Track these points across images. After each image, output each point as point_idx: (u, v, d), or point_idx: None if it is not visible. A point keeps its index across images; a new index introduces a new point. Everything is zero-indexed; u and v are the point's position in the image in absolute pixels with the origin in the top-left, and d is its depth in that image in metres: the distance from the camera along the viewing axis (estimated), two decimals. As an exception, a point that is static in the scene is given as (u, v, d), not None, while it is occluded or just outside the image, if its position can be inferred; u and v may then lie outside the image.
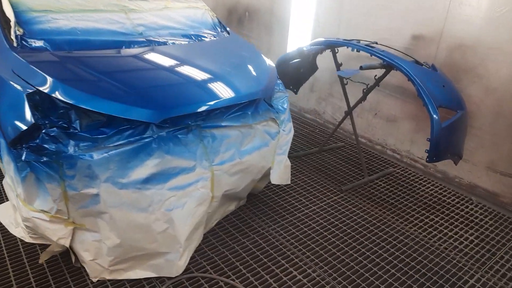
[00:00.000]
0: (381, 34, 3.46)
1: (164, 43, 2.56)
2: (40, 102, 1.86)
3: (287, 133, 2.60)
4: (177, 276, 2.13)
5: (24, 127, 1.80)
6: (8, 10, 2.26)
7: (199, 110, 1.99)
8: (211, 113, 2.09)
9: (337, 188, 3.11)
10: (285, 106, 2.62)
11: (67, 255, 2.16)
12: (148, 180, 1.93)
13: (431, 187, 3.21)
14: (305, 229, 2.61)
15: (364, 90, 3.10)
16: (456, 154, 2.75)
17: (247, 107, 2.26)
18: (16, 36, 2.17)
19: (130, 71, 2.16)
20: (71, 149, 1.81)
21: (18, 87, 1.88)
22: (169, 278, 2.12)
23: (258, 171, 2.46)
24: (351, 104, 3.29)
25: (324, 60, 3.68)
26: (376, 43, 3.06)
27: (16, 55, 2.05)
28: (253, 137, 2.34)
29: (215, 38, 2.82)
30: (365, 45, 2.89)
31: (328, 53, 3.32)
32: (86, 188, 1.86)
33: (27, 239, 2.19)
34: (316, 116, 4.37)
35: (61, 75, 1.92)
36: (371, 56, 2.84)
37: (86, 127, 1.90)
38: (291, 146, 3.71)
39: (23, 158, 1.80)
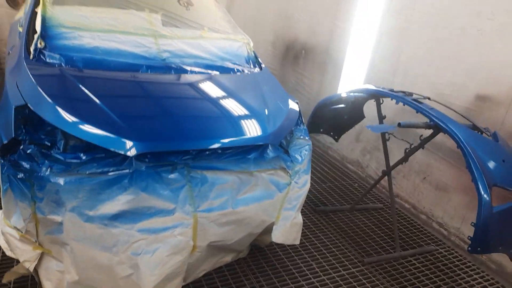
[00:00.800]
0: (440, 89, 3.01)
1: (184, 71, 2.43)
2: (29, 117, 1.79)
3: (300, 187, 2.26)
4: (136, 331, 1.87)
5: (5, 140, 1.73)
6: (38, 23, 2.30)
7: (185, 148, 1.77)
8: (202, 152, 1.86)
9: (359, 258, 2.65)
10: (303, 155, 2.30)
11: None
12: (117, 217, 1.73)
13: (479, 280, 2.60)
14: (305, 302, 2.22)
15: (407, 150, 2.66)
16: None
17: (249, 151, 2.00)
18: (35, 49, 2.18)
19: (128, 97, 2.04)
20: (43, 170, 1.69)
21: (13, 99, 1.84)
22: (127, 331, 1.87)
23: (257, 225, 2.15)
24: (391, 163, 2.85)
25: (375, 109, 3.29)
26: (429, 98, 2.64)
27: (26, 66, 2.04)
28: (254, 186, 2.05)
29: (241, 73, 2.63)
30: (413, 99, 2.49)
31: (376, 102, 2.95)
32: (51, 214, 1.72)
33: (7, 252, 2.11)
34: (359, 169, 3.93)
35: (52, 92, 1.84)
36: (417, 112, 2.43)
37: (71, 148, 1.78)
38: (319, 198, 3.35)
39: (3, 171, 1.73)
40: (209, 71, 2.50)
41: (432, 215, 3.16)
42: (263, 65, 2.89)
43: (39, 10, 2.37)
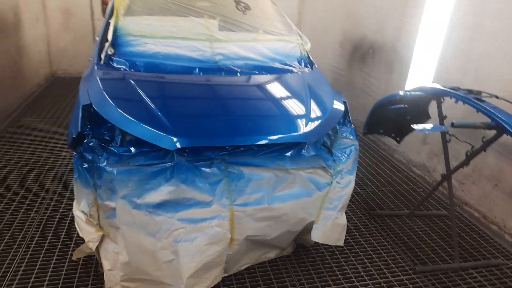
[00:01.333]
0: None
1: (234, 73, 2.55)
2: (93, 115, 2.06)
3: (342, 187, 2.23)
4: (175, 312, 2.03)
5: (74, 135, 2.02)
6: (110, 32, 2.61)
7: (219, 144, 1.88)
8: (238, 149, 1.95)
9: (411, 266, 2.51)
10: (348, 155, 2.27)
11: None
12: (160, 206, 1.90)
13: (556, 303, 2.29)
14: (344, 305, 2.18)
15: (468, 154, 2.45)
16: None
17: (286, 149, 2.03)
18: (106, 55, 2.48)
19: (177, 97, 2.22)
20: (101, 161, 1.93)
21: (83, 98, 2.13)
22: (169, 311, 2.04)
23: (295, 222, 2.17)
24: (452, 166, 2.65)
25: (445, 110, 3.05)
26: (496, 97, 2.40)
27: (95, 70, 2.34)
28: (291, 183, 2.08)
29: (289, 73, 2.67)
30: (474, 97, 2.29)
31: (449, 101, 2.74)
32: (107, 200, 1.95)
33: (79, 233, 2.44)
34: (425, 173, 3.69)
35: (112, 93, 2.09)
36: (477, 112, 2.23)
37: (126, 143, 2.01)
38: (376, 201, 3.23)
39: (74, 161, 2.02)
40: (258, 72, 2.59)
41: (505, 226, 2.85)
42: (315, 66, 2.89)
43: (112, 20, 2.69)
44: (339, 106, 2.34)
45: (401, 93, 2.70)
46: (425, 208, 3.20)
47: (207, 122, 2.00)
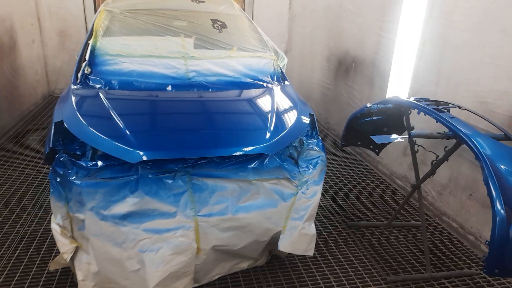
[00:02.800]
0: (482, 97, 2.77)
1: (205, 88, 2.65)
2: (66, 131, 2.15)
3: (308, 197, 2.30)
4: (144, 321, 2.07)
5: (47, 151, 2.12)
6: (88, 52, 2.74)
7: (180, 157, 1.96)
8: (200, 161, 2.03)
9: (383, 276, 2.54)
10: (314, 166, 2.33)
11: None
12: (126, 217, 1.98)
13: (525, 311, 2.29)
14: (311, 314, 2.21)
15: (433, 163, 2.50)
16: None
17: (248, 161, 2.11)
18: (83, 74, 2.61)
19: (144, 112, 2.33)
20: (71, 175, 2.02)
21: (56, 115, 2.23)
22: (137, 321, 2.09)
23: (261, 232, 2.23)
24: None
25: (421, 120, 3.10)
26: (459, 107, 2.47)
27: (70, 89, 2.46)
28: (255, 194, 2.15)
29: (259, 88, 2.76)
30: (435, 108, 2.36)
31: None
32: (77, 213, 2.03)
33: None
34: (407, 184, 3.72)
35: (82, 110, 2.20)
36: (436, 122, 2.29)
37: (97, 157, 2.10)
38: (355, 213, 3.27)
39: (49, 176, 2.11)
40: (228, 88, 2.69)
41: (480, 235, 2.86)
42: (287, 81, 2.99)
43: (90, 41, 2.82)
44: (303, 119, 2.41)
45: (368, 105, 2.77)
46: (403, 219, 3.23)
47: (170, 136, 2.09)
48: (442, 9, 3.13)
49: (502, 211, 1.80)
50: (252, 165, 2.12)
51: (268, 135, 2.14)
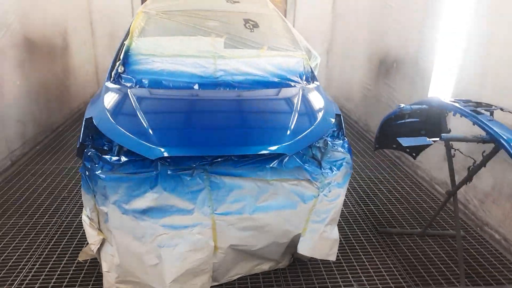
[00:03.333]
0: (531, 99, 2.53)
1: (232, 88, 2.66)
2: (94, 127, 2.25)
3: (330, 200, 2.22)
4: (161, 315, 2.11)
5: (78, 145, 2.24)
6: (122, 52, 2.85)
7: (197, 154, 1.97)
8: (217, 159, 2.03)
9: (413, 287, 2.39)
10: (337, 168, 2.26)
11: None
12: (145, 212, 2.03)
13: None
14: (330, 321, 2.13)
15: (470, 169, 2.31)
16: None
17: (267, 161, 2.08)
18: (116, 73, 2.71)
19: (170, 110, 2.37)
20: (97, 169, 2.11)
21: (87, 112, 2.35)
22: (154, 314, 2.13)
23: (280, 234, 2.19)
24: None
25: (463, 123, 2.88)
26: (501, 109, 2.27)
27: (103, 87, 2.57)
28: (273, 194, 2.11)
29: (285, 88, 2.71)
30: (472, 110, 2.18)
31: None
32: (102, 206, 2.12)
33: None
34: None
35: (110, 107, 2.29)
36: (473, 124, 2.12)
37: (123, 153, 2.18)
38: (388, 219, 3.12)
39: (80, 169, 2.22)
40: (254, 87, 2.67)
41: (526, 250, 2.62)
42: (316, 80, 2.91)
43: (126, 42, 2.93)
44: (328, 119, 2.33)
45: (401, 106, 2.63)
46: (440, 228, 3.03)
47: (190, 134, 2.11)
48: (489, 3, 2.90)
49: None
50: (270, 165, 2.09)
51: (288, 135, 2.09)
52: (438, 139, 2.09)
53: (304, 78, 2.89)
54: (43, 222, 3.00)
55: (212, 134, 2.12)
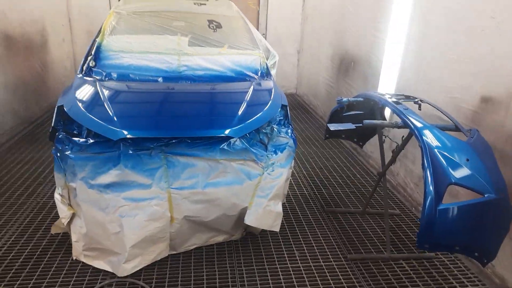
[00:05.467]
0: (451, 92, 2.93)
1: (192, 81, 2.98)
2: (66, 113, 2.55)
3: (273, 178, 2.57)
4: (123, 277, 2.42)
5: (50, 130, 2.52)
6: (94, 48, 3.14)
7: (153, 136, 2.29)
8: (173, 140, 2.35)
9: (345, 254, 2.76)
10: (281, 151, 2.61)
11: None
12: (109, 186, 2.33)
13: (473, 292, 2.45)
14: (271, 282, 2.47)
15: (393, 151, 2.69)
16: (477, 249, 2.08)
17: (217, 143, 2.41)
18: (87, 67, 3.01)
19: (133, 100, 2.69)
20: (67, 150, 2.40)
21: (59, 100, 2.63)
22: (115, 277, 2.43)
23: (229, 207, 2.52)
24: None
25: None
26: (421, 101, 2.65)
27: (76, 78, 2.86)
28: (223, 172, 2.45)
29: (240, 82, 3.06)
30: (394, 101, 2.56)
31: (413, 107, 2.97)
32: (71, 182, 2.41)
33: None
34: (391, 177, 3.89)
35: (79, 96, 2.58)
36: (393, 113, 2.50)
37: (91, 136, 2.47)
38: (336, 201, 3.48)
39: (52, 151, 2.51)
40: (213, 80, 3.01)
41: (447, 224, 3.01)
42: (271, 76, 3.26)
43: (98, 39, 3.22)
44: (273, 109, 2.68)
45: (339, 98, 2.98)
46: (380, 207, 3.42)
47: (148, 119, 2.44)
48: (422, 8, 3.30)
49: (432, 193, 2.01)
50: (220, 147, 2.42)
51: (235, 121, 2.43)
52: (361, 124, 2.45)
53: (259, 74, 3.23)
54: (19, 203, 3.26)
55: (169, 120, 2.45)
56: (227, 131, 2.35)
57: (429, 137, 2.19)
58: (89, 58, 3.07)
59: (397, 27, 3.77)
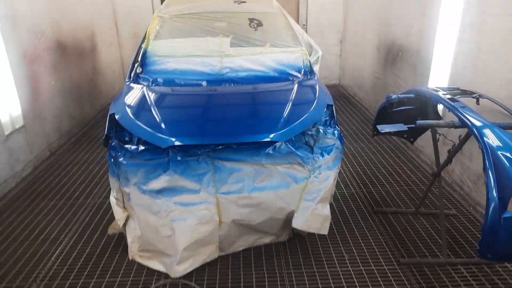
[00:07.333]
0: (513, 85, 2.71)
1: (236, 83, 2.98)
2: (117, 121, 2.65)
3: (320, 181, 2.52)
4: (175, 278, 2.50)
5: (104, 137, 2.64)
6: (140, 55, 3.23)
7: (201, 143, 2.32)
8: (219, 146, 2.37)
9: (398, 258, 2.67)
10: (328, 153, 2.55)
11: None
12: (160, 191, 2.41)
13: (541, 301, 2.27)
14: (321, 286, 2.44)
15: (449, 151, 2.54)
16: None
17: (262, 147, 2.40)
18: (135, 74, 3.10)
19: (180, 106, 2.73)
20: (120, 157, 2.50)
21: (111, 108, 2.74)
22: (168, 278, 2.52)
23: (276, 210, 2.52)
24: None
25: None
26: (480, 96, 2.47)
27: (125, 85, 2.96)
28: (268, 176, 2.44)
29: (283, 82, 3.01)
30: (450, 98, 2.40)
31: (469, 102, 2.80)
32: (124, 187, 2.52)
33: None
34: (445, 174, 3.69)
35: (128, 103, 2.67)
36: (449, 111, 2.35)
37: (141, 143, 2.56)
38: (385, 200, 3.37)
39: (106, 157, 2.63)
40: (256, 82, 2.99)
41: None
42: (314, 73, 3.18)
43: (144, 45, 3.31)
44: (319, 110, 2.62)
45: (389, 95, 2.85)
46: (434, 207, 3.26)
47: (195, 126, 2.47)
48: (478, -6, 3.06)
49: (496, 199, 1.87)
50: (265, 151, 2.41)
51: (280, 125, 2.40)
52: (414, 125, 2.33)
53: (302, 72, 3.17)
54: (78, 203, 3.47)
55: (214, 125, 2.47)
56: (272, 136, 2.33)
57: (490, 137, 2.04)
58: (136, 64, 3.16)
59: (450, 13, 3.53)
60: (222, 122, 2.50)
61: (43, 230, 3.08)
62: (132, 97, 2.81)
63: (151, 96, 2.75)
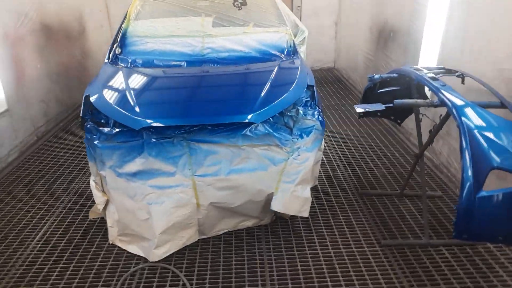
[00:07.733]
0: (500, 64, 2.63)
1: (217, 63, 2.91)
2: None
3: (299, 163, 2.48)
4: (154, 262, 2.48)
5: (80, 119, 2.59)
6: (120, 35, 3.15)
7: (173, 124, 2.27)
8: (194, 127, 2.32)
9: (379, 240, 2.64)
10: (307, 135, 2.50)
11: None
12: (135, 174, 2.37)
13: (520, 283, 2.25)
14: (300, 268, 2.42)
15: (430, 131, 2.48)
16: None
17: (238, 129, 2.35)
18: (113, 55, 3.03)
19: (156, 87, 2.67)
20: (95, 139, 2.46)
21: (86, 90, 2.68)
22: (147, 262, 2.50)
23: (254, 192, 2.48)
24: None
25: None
26: (463, 74, 2.40)
27: (102, 67, 2.90)
28: (245, 158, 2.39)
29: (264, 62, 2.94)
30: (430, 77, 2.34)
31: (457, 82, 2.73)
32: (101, 170, 2.48)
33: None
34: (433, 156, 3.64)
35: (105, 85, 2.61)
36: (429, 90, 2.29)
37: (117, 125, 2.51)
38: (371, 182, 3.33)
39: (84, 140, 2.59)
40: (238, 62, 2.92)
41: (494, 208, 2.77)
42: (298, 54, 3.10)
43: (123, 25, 3.23)
44: (297, 91, 2.55)
45: (375, 76, 2.78)
46: (420, 189, 3.22)
47: (169, 107, 2.42)
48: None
49: (471, 178, 1.83)
50: (242, 132, 2.36)
51: (256, 106, 2.34)
52: (391, 105, 2.27)
53: (285, 52, 3.09)
54: (62, 188, 3.44)
55: (189, 107, 2.41)
56: (248, 117, 2.27)
57: (470, 116, 1.98)
58: (115, 45, 3.09)
59: (440, -9, 3.43)
60: (198, 103, 2.44)
61: (25, 215, 3.06)
62: (108, 79, 2.75)
63: (128, 78, 2.69)
